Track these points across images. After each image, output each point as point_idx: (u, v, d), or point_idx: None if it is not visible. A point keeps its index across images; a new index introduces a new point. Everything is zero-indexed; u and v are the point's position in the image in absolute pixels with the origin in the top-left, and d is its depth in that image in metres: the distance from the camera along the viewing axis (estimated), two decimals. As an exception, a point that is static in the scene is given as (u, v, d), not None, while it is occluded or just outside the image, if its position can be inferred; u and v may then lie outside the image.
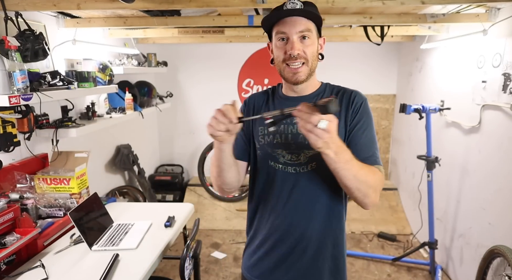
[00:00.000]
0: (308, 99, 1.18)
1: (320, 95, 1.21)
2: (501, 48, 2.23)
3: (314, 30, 1.12)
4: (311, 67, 1.14)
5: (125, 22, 2.54)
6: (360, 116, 1.15)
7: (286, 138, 1.17)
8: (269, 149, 1.19)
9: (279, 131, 1.17)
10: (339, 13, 2.53)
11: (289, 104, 1.11)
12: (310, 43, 1.12)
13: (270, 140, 1.19)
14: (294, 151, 1.16)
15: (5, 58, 1.75)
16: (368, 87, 4.27)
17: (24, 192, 1.93)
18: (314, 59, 1.14)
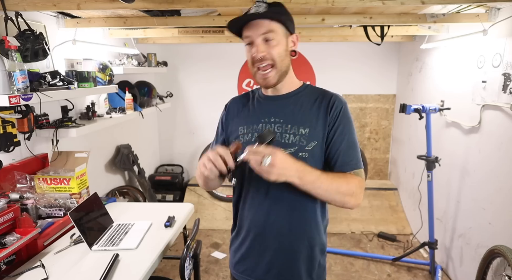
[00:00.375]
0: (286, 98, 1.22)
1: (300, 94, 1.23)
2: (501, 48, 2.23)
3: (279, 30, 1.13)
4: (281, 68, 1.15)
5: (125, 22, 2.54)
6: (339, 122, 1.16)
7: None
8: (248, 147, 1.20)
9: (257, 129, 1.20)
10: (339, 13, 2.53)
11: (269, 103, 1.24)
12: (275, 44, 1.12)
13: (249, 138, 1.21)
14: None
15: (5, 58, 1.75)
16: (368, 87, 4.27)
17: (24, 192, 1.93)
18: (282, 59, 1.14)
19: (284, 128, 1.17)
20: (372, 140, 4.41)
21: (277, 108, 1.21)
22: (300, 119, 1.17)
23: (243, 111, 1.29)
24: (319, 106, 1.18)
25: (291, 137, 1.16)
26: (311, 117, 1.17)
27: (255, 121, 1.22)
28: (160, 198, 4.09)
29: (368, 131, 4.39)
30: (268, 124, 1.19)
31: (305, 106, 1.19)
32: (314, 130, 1.16)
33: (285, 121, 1.18)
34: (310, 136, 1.15)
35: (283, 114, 1.19)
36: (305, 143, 1.15)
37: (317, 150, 1.16)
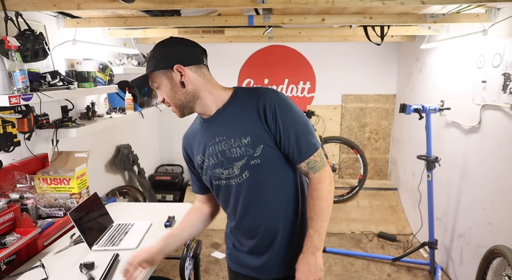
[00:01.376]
0: (219, 115, 1.24)
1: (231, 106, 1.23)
2: (501, 48, 2.23)
3: (158, 76, 1.19)
4: (178, 104, 1.22)
5: (125, 22, 2.54)
6: (278, 119, 1.16)
7: (217, 157, 1.24)
8: (209, 171, 1.27)
9: (210, 153, 1.24)
10: (339, 13, 2.53)
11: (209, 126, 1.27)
12: (163, 90, 1.21)
13: (208, 164, 1.27)
14: (227, 166, 1.23)
15: (5, 58, 1.75)
16: (368, 87, 4.27)
17: (24, 192, 1.93)
18: (175, 96, 1.20)
19: (229, 143, 1.20)
20: (372, 140, 4.41)
21: (216, 128, 1.24)
22: (239, 130, 1.19)
23: (194, 142, 1.33)
24: (252, 111, 1.18)
25: (237, 150, 1.19)
26: (249, 125, 1.18)
27: (205, 147, 1.27)
28: (160, 198, 4.09)
29: (368, 131, 4.39)
30: (216, 145, 1.23)
31: (240, 116, 1.20)
32: (256, 136, 1.18)
33: (227, 137, 1.21)
34: (254, 143, 1.18)
35: (223, 131, 1.22)
36: (251, 151, 1.18)
37: (267, 151, 1.19)
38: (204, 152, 1.27)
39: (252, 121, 1.18)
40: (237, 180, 1.23)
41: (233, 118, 1.21)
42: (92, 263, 1.57)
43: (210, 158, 1.25)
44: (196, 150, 1.31)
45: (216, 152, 1.23)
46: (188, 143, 1.36)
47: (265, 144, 1.18)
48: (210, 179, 1.29)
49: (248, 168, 1.20)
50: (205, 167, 1.28)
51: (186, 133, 1.39)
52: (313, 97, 4.31)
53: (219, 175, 1.25)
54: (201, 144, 1.28)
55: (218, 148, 1.22)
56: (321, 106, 4.28)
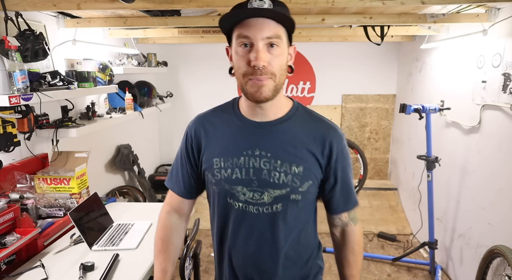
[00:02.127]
0: (274, 125, 1.00)
1: (291, 121, 1.02)
2: (501, 48, 2.23)
3: (284, 37, 0.92)
4: (278, 83, 0.94)
5: (125, 22, 2.54)
6: (338, 162, 1.03)
7: (247, 174, 0.99)
8: (226, 184, 1.01)
9: (237, 163, 0.99)
10: (339, 13, 2.53)
11: (252, 131, 1.00)
12: (279, 53, 0.91)
13: (228, 175, 1.00)
14: (256, 188, 0.98)
15: (5, 58, 1.75)
16: (368, 87, 4.27)
17: (24, 192, 1.93)
18: (282, 73, 0.94)
19: (273, 165, 0.97)
20: (372, 140, 4.41)
21: (263, 139, 0.99)
22: (293, 154, 0.98)
23: (216, 136, 1.04)
24: (314, 140, 1.00)
25: (282, 177, 0.97)
26: (305, 153, 0.99)
27: (235, 153, 1.00)
28: (160, 198, 4.09)
29: (368, 131, 4.39)
30: (253, 158, 0.98)
31: (298, 138, 0.99)
32: (308, 169, 0.99)
33: (273, 156, 0.97)
34: (305, 176, 0.98)
35: (271, 147, 0.98)
36: (298, 183, 0.98)
37: (311, 190, 1.02)
38: (228, 157, 1.00)
39: (311, 151, 0.99)
40: (263, 210, 0.99)
41: (290, 137, 0.99)
42: (92, 264, 1.56)
43: (235, 169, 0.99)
44: (214, 148, 1.03)
45: (248, 167, 0.98)
46: (204, 130, 1.06)
47: (314, 181, 1.01)
48: (220, 194, 1.03)
49: (284, 200, 0.98)
50: (219, 176, 1.01)
51: (203, 117, 1.10)
52: (313, 97, 4.31)
53: (239, 194, 1.00)
54: (230, 146, 1.01)
55: (253, 163, 0.98)
56: (321, 106, 4.28)
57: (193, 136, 1.08)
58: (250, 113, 1.02)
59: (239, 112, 1.05)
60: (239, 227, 1.03)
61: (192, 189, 1.13)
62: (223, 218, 1.06)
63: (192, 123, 1.11)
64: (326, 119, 1.06)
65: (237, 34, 0.91)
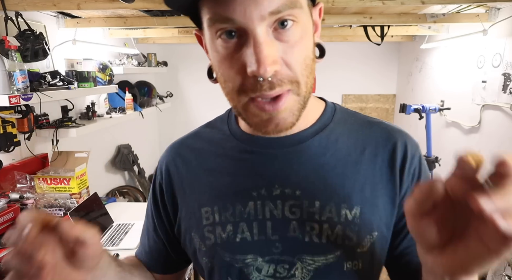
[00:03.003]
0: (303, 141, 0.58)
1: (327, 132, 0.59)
2: (501, 48, 2.23)
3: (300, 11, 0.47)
4: (306, 93, 0.50)
5: (125, 22, 2.54)
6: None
7: (262, 231, 0.56)
8: (226, 254, 0.57)
9: (245, 215, 0.57)
10: (339, 13, 2.53)
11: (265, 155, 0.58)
12: (298, 36, 0.48)
13: (229, 236, 0.57)
14: (280, 257, 0.55)
15: (5, 58, 1.75)
16: (368, 87, 4.27)
17: (24, 192, 1.93)
18: (310, 71, 0.50)
19: (307, 209, 0.55)
20: (372, 140, 4.41)
21: (285, 166, 0.57)
22: (341, 188, 0.56)
23: (203, 171, 0.62)
24: (374, 157, 0.58)
25: (325, 231, 0.54)
26: (363, 182, 0.56)
27: (237, 196, 0.58)
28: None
29: (368, 131, 4.39)
30: (269, 201, 0.56)
31: (345, 158, 0.57)
32: (371, 209, 0.55)
33: (306, 194, 0.55)
34: (365, 224, 0.55)
35: (301, 178, 0.56)
36: (355, 239, 0.54)
37: (380, 246, 0.57)
38: (226, 205, 0.58)
39: (371, 176, 0.57)
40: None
41: (332, 157, 0.57)
42: None
43: (240, 225, 0.56)
44: (200, 192, 0.61)
45: (263, 218, 0.56)
46: (182, 164, 0.64)
47: (382, 231, 0.56)
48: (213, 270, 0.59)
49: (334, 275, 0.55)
50: (212, 239, 0.58)
51: (181, 143, 0.68)
52: (313, 97, 4.31)
53: (249, 269, 0.56)
54: (226, 185, 0.59)
55: (272, 210, 0.56)
56: (321, 106, 4.27)
57: (164, 177, 0.65)
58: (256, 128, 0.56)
59: (237, 127, 0.63)
60: None
61: (168, 262, 0.70)
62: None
63: (164, 156, 0.68)
64: (384, 121, 0.66)
65: (210, 16, 0.47)
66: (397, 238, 0.58)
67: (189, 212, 0.61)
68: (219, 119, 0.68)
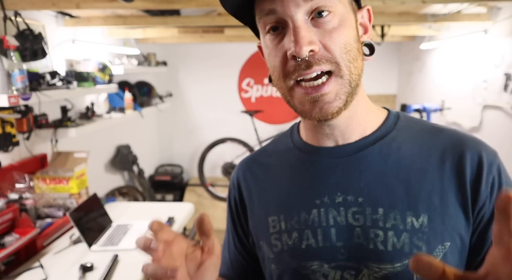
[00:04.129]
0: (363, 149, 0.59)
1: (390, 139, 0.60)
2: (502, 48, 2.23)
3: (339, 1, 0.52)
4: (351, 78, 0.53)
5: (125, 22, 2.54)
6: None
7: (327, 238, 0.58)
8: (293, 260, 0.60)
9: (309, 222, 0.59)
10: (340, 13, 2.52)
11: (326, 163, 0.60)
12: (337, 24, 0.52)
13: (295, 242, 0.60)
14: (346, 263, 0.57)
15: (4, 58, 1.74)
16: (368, 87, 4.20)
17: (23, 192, 1.92)
18: (353, 58, 0.53)
19: (370, 216, 0.56)
20: (372, 140, 4.41)
21: (347, 174, 0.59)
22: (405, 194, 0.55)
23: (270, 183, 0.66)
24: (443, 164, 0.56)
25: (390, 238, 0.54)
26: (430, 190, 0.55)
27: (301, 205, 0.61)
28: (160, 198, 4.09)
29: (368, 131, 4.39)
30: (332, 208, 0.58)
31: (409, 166, 0.57)
32: (441, 218, 0.54)
33: (369, 201, 0.56)
34: (435, 232, 0.54)
35: (362, 185, 0.57)
36: (424, 247, 0.53)
37: (453, 259, 0.55)
38: (291, 213, 0.61)
39: (439, 185, 0.55)
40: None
41: (396, 164, 0.58)
42: (91, 265, 1.56)
43: (305, 232, 0.59)
44: (267, 203, 0.65)
45: (327, 224, 0.58)
46: (252, 178, 0.69)
47: (455, 242, 0.54)
48: (281, 276, 0.62)
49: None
50: (279, 246, 0.61)
51: (251, 158, 0.72)
52: (313, 97, 4.30)
53: (316, 276, 0.58)
54: (291, 195, 0.62)
55: (335, 217, 0.58)
56: (321, 106, 4.27)
57: (236, 190, 0.71)
58: (316, 136, 0.62)
59: (299, 138, 0.66)
60: None
61: (248, 272, 0.74)
62: None
63: (235, 171, 0.73)
64: (454, 128, 0.62)
65: (259, 13, 0.54)
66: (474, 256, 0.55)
67: (258, 222, 0.66)
68: (283, 134, 0.72)
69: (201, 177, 4.12)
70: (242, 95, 4.37)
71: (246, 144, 4.05)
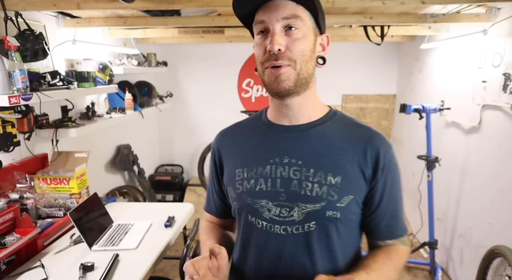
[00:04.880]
0: (307, 129, 0.88)
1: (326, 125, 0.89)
2: (501, 48, 2.23)
3: (307, 20, 0.82)
4: (301, 72, 0.81)
5: (125, 22, 2.54)
6: (387, 177, 0.87)
7: (273, 184, 0.85)
8: (248, 198, 0.87)
9: (263, 172, 0.87)
10: (339, 13, 2.52)
11: (280, 136, 0.88)
12: (300, 36, 0.80)
13: (251, 186, 0.87)
14: (284, 202, 0.84)
15: (5, 58, 1.75)
16: (368, 87, 4.27)
17: (24, 192, 1.93)
18: (305, 60, 0.81)
19: (304, 173, 0.83)
20: (372, 140, 4.41)
21: (293, 144, 0.86)
22: (329, 162, 0.84)
23: (239, 146, 0.95)
24: (355, 148, 0.85)
25: (315, 188, 0.82)
26: (345, 162, 0.84)
27: (260, 162, 0.88)
28: (160, 198, 4.09)
29: (368, 131, 4.39)
30: (280, 166, 0.85)
31: (336, 144, 0.86)
32: (349, 180, 0.83)
33: (305, 163, 0.84)
34: (344, 188, 0.82)
35: (302, 153, 0.85)
36: (336, 196, 0.82)
37: (353, 208, 0.84)
38: (251, 167, 0.89)
39: (351, 159, 0.84)
40: (291, 230, 0.84)
41: (325, 143, 0.86)
42: (92, 265, 1.56)
43: (259, 180, 0.86)
44: (236, 159, 0.93)
45: (275, 176, 0.85)
46: (225, 144, 0.98)
47: (355, 196, 0.84)
48: (240, 210, 0.91)
49: (319, 218, 0.82)
50: (240, 188, 0.89)
51: (226, 130, 1.02)
52: (313, 97, 4.31)
53: (263, 210, 0.85)
54: (254, 154, 0.90)
55: (281, 172, 0.85)
56: (321, 106, 4.27)
57: (215, 151, 1.00)
58: (278, 117, 0.90)
59: (266, 118, 0.94)
60: (262, 254, 0.88)
61: (225, 210, 1.04)
62: (244, 243, 0.92)
63: (215, 139, 1.02)
64: (372, 127, 0.93)
65: (254, 21, 0.84)
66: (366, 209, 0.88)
67: (228, 173, 0.94)
68: (255, 114, 1.00)
69: (201, 177, 4.12)
70: (242, 96, 4.37)
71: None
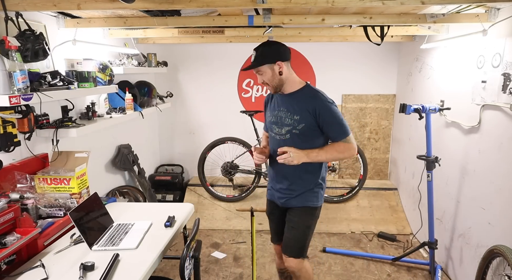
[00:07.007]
0: (289, 95, 1.97)
1: (298, 93, 1.95)
2: (500, 48, 2.24)
3: (265, 68, 1.89)
4: (273, 84, 1.93)
5: (125, 22, 2.55)
6: (322, 116, 1.87)
7: (276, 118, 2.01)
8: (270, 124, 2.06)
9: (275, 114, 2.01)
10: (339, 13, 2.53)
11: (281, 98, 2.01)
12: (265, 76, 1.91)
13: (271, 119, 2.05)
14: (280, 126, 1.98)
15: (5, 58, 1.75)
16: (368, 87, 4.27)
17: (24, 192, 1.93)
18: (272, 79, 1.91)
19: (286, 114, 1.95)
20: (372, 140, 4.42)
21: (284, 102, 1.98)
22: (295, 110, 1.92)
23: (270, 103, 2.10)
24: (307, 105, 1.89)
25: (288, 120, 1.94)
26: (302, 109, 1.90)
27: (274, 111, 2.03)
28: (160, 198, 4.09)
29: (368, 131, 4.39)
30: (279, 110, 1.99)
31: (300, 102, 1.92)
32: (302, 118, 1.89)
33: (287, 110, 1.95)
34: (299, 121, 1.90)
35: (287, 106, 1.96)
36: (296, 124, 1.91)
37: (305, 129, 1.90)
38: (272, 111, 2.04)
39: (304, 109, 1.89)
40: (281, 137, 1.97)
41: (295, 101, 1.93)
42: (92, 264, 1.57)
43: (273, 116, 2.02)
44: (270, 107, 2.09)
45: (277, 115, 1.99)
46: (268, 99, 2.14)
47: (306, 124, 1.89)
48: (268, 128, 2.13)
49: (290, 133, 1.93)
50: (269, 119, 2.07)
51: (269, 94, 2.15)
52: (313, 97, 4.31)
53: (273, 129, 2.02)
54: (273, 105, 2.05)
55: (279, 113, 1.98)
56: (321, 106, 4.27)
57: (266, 100, 2.16)
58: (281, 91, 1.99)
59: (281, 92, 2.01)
60: (272, 147, 2.05)
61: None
62: (270, 142, 2.12)
63: (266, 97, 2.18)
64: (321, 94, 1.92)
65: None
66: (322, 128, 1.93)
67: (267, 112, 2.14)
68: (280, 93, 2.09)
69: (202, 177, 4.13)
70: (242, 96, 4.38)
71: (246, 143, 4.06)
